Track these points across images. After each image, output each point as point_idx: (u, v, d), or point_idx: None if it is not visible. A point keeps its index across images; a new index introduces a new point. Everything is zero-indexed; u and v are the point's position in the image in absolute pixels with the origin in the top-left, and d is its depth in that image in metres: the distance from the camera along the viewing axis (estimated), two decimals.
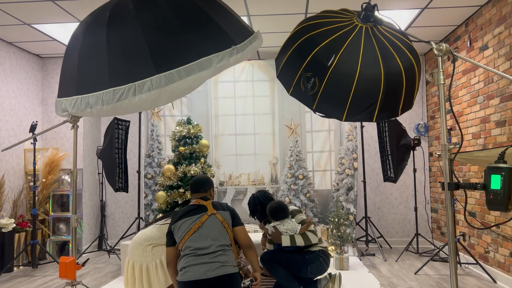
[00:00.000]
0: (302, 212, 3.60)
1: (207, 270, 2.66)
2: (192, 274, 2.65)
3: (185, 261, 2.73)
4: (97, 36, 2.56)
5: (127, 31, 2.49)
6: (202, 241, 2.75)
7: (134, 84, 2.38)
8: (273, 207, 3.52)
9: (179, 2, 2.59)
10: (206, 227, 2.80)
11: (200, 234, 2.77)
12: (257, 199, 3.73)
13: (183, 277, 2.69)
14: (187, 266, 2.71)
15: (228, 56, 2.50)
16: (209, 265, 2.67)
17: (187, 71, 2.39)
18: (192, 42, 2.46)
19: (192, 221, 2.81)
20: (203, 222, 2.80)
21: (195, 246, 2.73)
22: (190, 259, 2.72)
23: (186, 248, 2.75)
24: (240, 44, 2.57)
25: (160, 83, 2.36)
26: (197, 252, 2.72)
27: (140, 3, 2.56)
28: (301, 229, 3.45)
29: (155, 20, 2.50)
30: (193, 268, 2.67)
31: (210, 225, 2.81)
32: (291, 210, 3.60)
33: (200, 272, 2.65)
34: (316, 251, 3.47)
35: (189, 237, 2.77)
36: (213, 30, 2.53)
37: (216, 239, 2.77)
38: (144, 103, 2.46)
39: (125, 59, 2.46)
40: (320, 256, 3.46)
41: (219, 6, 2.74)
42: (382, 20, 2.37)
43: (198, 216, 2.83)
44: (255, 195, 3.78)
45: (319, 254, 3.46)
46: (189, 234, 2.77)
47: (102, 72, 2.48)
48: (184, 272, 2.69)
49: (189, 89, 2.55)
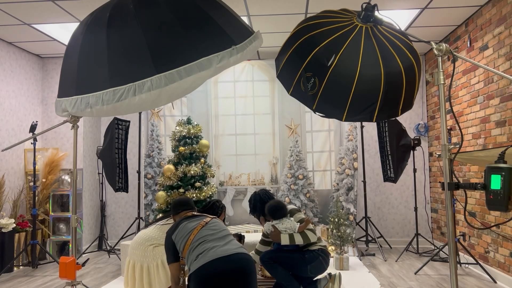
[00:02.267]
0: (301, 211, 3.60)
1: (227, 248, 2.54)
2: (213, 254, 2.50)
3: (198, 249, 2.57)
4: (97, 36, 2.56)
5: (127, 31, 2.49)
6: (211, 232, 2.64)
7: (134, 84, 2.38)
8: (272, 206, 3.52)
9: (179, 2, 2.59)
10: (211, 224, 2.71)
11: (207, 228, 2.67)
12: (258, 196, 3.74)
13: (203, 259, 2.50)
14: (204, 251, 2.54)
15: (228, 56, 2.50)
16: (228, 245, 2.56)
17: (187, 71, 2.39)
18: (192, 42, 2.46)
19: (194, 222, 2.72)
20: (207, 223, 2.71)
21: (205, 234, 2.62)
22: (204, 245, 2.56)
23: (195, 245, 2.60)
24: (240, 44, 2.57)
25: (160, 83, 2.36)
26: (209, 238, 2.60)
27: (140, 3, 2.56)
28: (300, 227, 3.45)
29: (155, 20, 2.50)
30: (212, 250, 2.53)
31: (215, 224, 2.73)
32: (290, 209, 3.61)
33: (221, 250, 2.51)
34: (316, 250, 3.47)
35: (195, 235, 2.64)
36: (213, 30, 2.53)
37: (224, 229, 2.70)
38: (144, 103, 2.46)
39: (125, 59, 2.45)
40: (320, 255, 3.46)
41: (219, 6, 2.74)
42: (382, 20, 2.37)
43: (200, 219, 2.75)
44: (256, 193, 3.79)
45: (319, 253, 3.46)
46: (194, 232, 2.66)
47: (102, 72, 2.48)
48: (203, 256, 2.52)
49: (189, 89, 2.55)
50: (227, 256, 2.50)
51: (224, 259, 2.49)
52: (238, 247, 2.60)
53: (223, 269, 2.47)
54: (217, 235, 2.64)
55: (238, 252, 2.55)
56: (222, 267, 2.47)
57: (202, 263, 2.48)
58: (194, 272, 2.50)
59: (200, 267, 2.48)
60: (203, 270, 2.47)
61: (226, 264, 2.48)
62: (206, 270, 2.47)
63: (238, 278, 2.50)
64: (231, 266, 2.49)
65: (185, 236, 2.67)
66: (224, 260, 2.49)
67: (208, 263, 2.47)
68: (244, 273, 2.52)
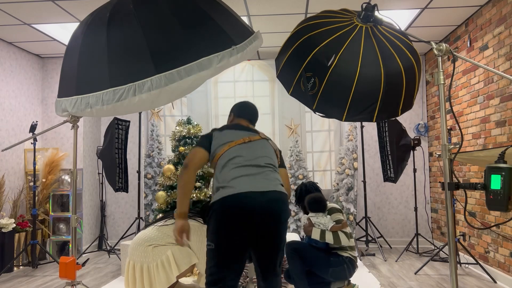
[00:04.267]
0: (342, 212, 3.54)
1: (264, 183, 2.28)
2: (246, 186, 2.23)
3: (230, 173, 2.30)
4: (97, 36, 2.56)
5: (127, 31, 2.49)
6: (251, 153, 2.38)
7: (134, 84, 2.38)
8: (311, 198, 3.50)
9: (179, 2, 2.59)
10: (257, 144, 2.45)
11: (249, 146, 2.42)
12: (304, 186, 3.72)
13: (235, 189, 2.23)
14: (237, 177, 2.27)
15: (228, 56, 2.50)
16: (265, 178, 2.29)
17: (187, 71, 2.39)
18: (192, 42, 2.46)
19: (242, 133, 2.47)
20: (253, 140, 2.46)
21: (243, 154, 2.36)
22: (239, 170, 2.30)
23: (230, 156, 2.35)
24: (240, 44, 2.57)
25: (160, 83, 2.36)
26: (246, 163, 2.33)
27: (140, 3, 2.56)
28: (334, 227, 3.38)
29: (155, 19, 2.50)
30: (246, 179, 2.27)
31: (262, 145, 2.47)
32: (330, 207, 3.54)
33: (257, 182, 2.26)
34: (344, 256, 3.42)
35: (235, 145, 2.39)
36: (213, 30, 2.53)
37: (267, 155, 2.42)
38: (144, 103, 2.46)
39: (125, 59, 2.45)
40: (346, 262, 3.40)
41: (219, 6, 2.74)
42: (382, 20, 2.37)
43: (248, 133, 2.50)
44: (303, 183, 3.77)
45: (345, 260, 3.41)
46: (237, 142, 2.40)
47: (102, 72, 2.48)
48: (235, 185, 2.25)
49: (189, 89, 2.55)
50: (266, 192, 2.24)
51: (261, 196, 2.22)
52: (278, 183, 2.31)
53: (255, 207, 2.20)
54: (254, 156, 2.36)
55: (276, 190, 2.28)
56: (254, 204, 2.20)
57: (234, 192, 2.22)
58: (221, 201, 2.25)
59: (232, 196, 2.22)
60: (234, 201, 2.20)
61: (260, 203, 2.21)
62: (235, 203, 2.21)
63: (270, 222, 2.26)
64: (265, 207, 2.23)
65: (224, 142, 2.44)
66: (261, 197, 2.21)
67: (248, 193, 2.21)
68: (277, 219, 2.28)
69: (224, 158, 2.39)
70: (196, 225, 3.43)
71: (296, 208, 5.82)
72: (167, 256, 3.25)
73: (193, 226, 3.43)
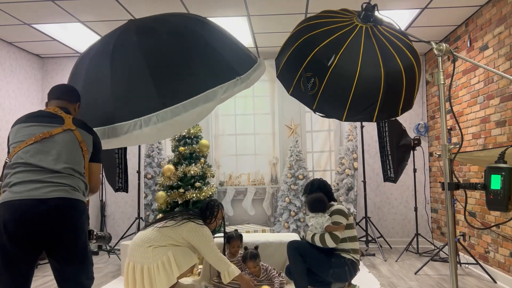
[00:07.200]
0: (346, 215, 3.46)
1: (47, 191, 1.96)
2: (22, 193, 1.93)
3: (13, 176, 1.99)
4: (101, 68, 2.55)
5: (131, 64, 2.49)
6: (41, 158, 2.04)
7: (140, 120, 2.38)
8: (309, 198, 3.51)
9: (183, 35, 2.60)
10: (54, 142, 2.10)
11: (42, 148, 2.07)
12: (316, 181, 3.73)
13: (9, 195, 1.93)
14: (18, 182, 1.96)
15: (232, 87, 2.53)
16: (49, 185, 1.98)
17: (192, 104, 2.40)
18: (197, 74, 2.48)
19: (37, 129, 2.11)
20: (52, 135, 2.11)
21: (30, 161, 2.02)
22: (22, 175, 1.99)
23: (17, 161, 2.03)
24: (244, 74, 2.61)
25: (166, 116, 2.37)
26: (32, 169, 2.01)
27: (143, 35, 2.57)
28: (328, 226, 3.37)
29: (159, 52, 2.51)
30: (25, 185, 1.96)
31: (62, 141, 2.12)
32: (333, 209, 3.49)
33: (34, 189, 1.94)
34: (346, 258, 3.40)
35: (25, 147, 2.05)
36: (217, 62, 2.56)
37: (65, 161, 2.07)
38: (150, 137, 2.48)
39: (130, 93, 2.46)
40: (347, 264, 3.38)
41: (223, 36, 2.76)
42: (382, 20, 2.37)
43: (48, 126, 2.14)
44: (315, 179, 3.78)
45: (347, 262, 3.39)
46: (27, 142, 2.06)
47: (106, 106, 2.48)
48: (11, 191, 1.95)
49: (193, 121, 2.58)
50: (43, 199, 1.91)
51: (33, 204, 1.90)
52: (64, 188, 1.98)
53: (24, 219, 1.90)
54: (44, 164, 2.02)
55: (59, 196, 1.96)
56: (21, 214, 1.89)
57: (7, 198, 1.93)
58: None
59: (4, 203, 1.93)
60: (9, 209, 1.91)
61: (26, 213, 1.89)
62: (7, 210, 1.91)
63: (43, 238, 1.95)
64: (35, 218, 1.90)
65: (15, 142, 2.09)
66: (32, 205, 1.90)
67: (17, 201, 1.91)
68: (55, 232, 1.95)
69: (12, 161, 2.07)
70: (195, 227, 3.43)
71: (296, 208, 5.83)
72: (167, 256, 3.26)
73: (192, 227, 3.43)
